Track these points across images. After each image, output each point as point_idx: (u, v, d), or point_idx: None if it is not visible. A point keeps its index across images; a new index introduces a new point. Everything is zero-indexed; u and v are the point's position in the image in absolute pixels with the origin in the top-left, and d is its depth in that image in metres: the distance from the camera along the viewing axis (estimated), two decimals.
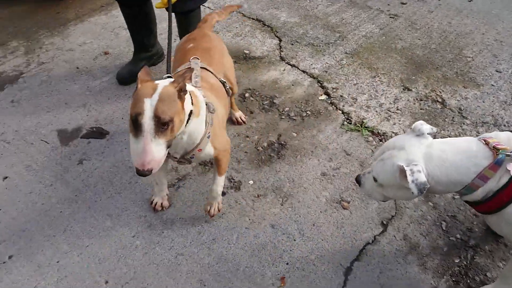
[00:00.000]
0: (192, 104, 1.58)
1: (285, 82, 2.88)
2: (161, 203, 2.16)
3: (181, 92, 1.46)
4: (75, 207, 2.23)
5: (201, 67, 1.91)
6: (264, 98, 2.77)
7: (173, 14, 2.30)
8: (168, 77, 1.65)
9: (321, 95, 2.76)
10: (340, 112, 2.63)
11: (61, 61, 3.27)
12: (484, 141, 1.46)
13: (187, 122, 1.56)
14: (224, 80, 2.03)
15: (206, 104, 1.69)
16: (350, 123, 2.55)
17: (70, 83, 3.04)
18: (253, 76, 2.95)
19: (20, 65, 3.28)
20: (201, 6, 2.67)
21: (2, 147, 2.61)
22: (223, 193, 2.24)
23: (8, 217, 2.21)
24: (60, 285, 1.92)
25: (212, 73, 1.97)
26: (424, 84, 2.77)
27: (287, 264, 1.93)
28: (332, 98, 2.73)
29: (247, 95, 2.79)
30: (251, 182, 2.28)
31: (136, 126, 1.36)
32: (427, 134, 1.49)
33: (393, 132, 2.47)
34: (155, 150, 1.36)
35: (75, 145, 2.58)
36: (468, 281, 1.83)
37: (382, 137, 2.45)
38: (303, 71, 2.96)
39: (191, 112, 1.56)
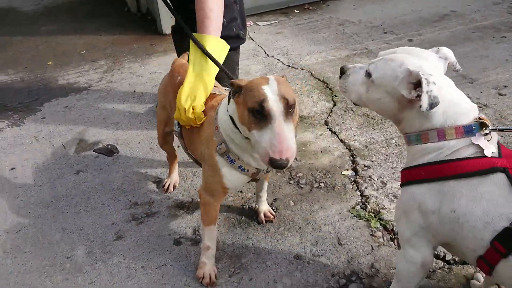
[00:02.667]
0: None
1: (315, 147, 2.52)
2: (214, 274, 1.75)
3: None
4: (43, 212, 2.18)
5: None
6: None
7: None
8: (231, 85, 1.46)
9: (347, 169, 2.33)
10: (359, 193, 2.16)
11: (126, 83, 3.44)
12: None
13: None
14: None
15: None
16: (364, 209, 2.06)
17: (120, 103, 3.14)
18: None
19: (93, 80, 3.54)
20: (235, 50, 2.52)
21: (30, 142, 2.76)
22: (178, 242, 1.95)
23: None
24: None
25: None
26: None
27: None
28: (358, 176, 2.27)
29: None
30: None
31: (261, 114, 1.27)
32: (449, 64, 1.30)
33: None
34: (290, 136, 1.26)
35: (84, 156, 2.59)
36: None
37: (396, 236, 1.91)
38: (341, 140, 2.56)
39: None
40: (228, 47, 1.84)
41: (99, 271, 1.84)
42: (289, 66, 3.53)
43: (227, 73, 1.79)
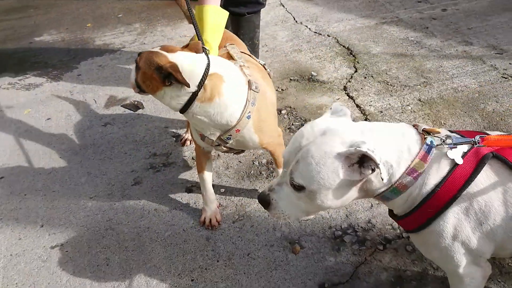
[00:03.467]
0: (203, 84, 1.52)
1: None
2: (215, 218, 1.88)
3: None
4: (72, 158, 2.38)
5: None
6: (298, 119, 2.52)
7: None
8: (203, 49, 1.60)
9: None
10: None
11: (157, 45, 3.57)
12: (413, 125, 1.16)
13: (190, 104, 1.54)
14: (263, 63, 1.94)
15: (249, 82, 1.62)
16: None
17: None
18: (302, 96, 2.72)
19: (127, 41, 3.71)
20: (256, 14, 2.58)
21: (65, 96, 2.98)
22: (190, 189, 2.10)
23: (26, 147, 2.48)
24: (11, 214, 2.06)
25: (251, 56, 1.92)
26: None
27: (192, 281, 1.67)
28: None
29: (283, 111, 2.58)
30: (222, 190, 2.08)
31: None
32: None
33: None
34: (131, 74, 1.60)
35: (113, 110, 2.77)
36: None
37: None
38: (357, 105, 2.60)
39: (195, 93, 1.52)
40: (227, 13, 1.91)
41: (116, 210, 2.02)
42: (316, 32, 3.53)
43: (197, 33, 1.82)
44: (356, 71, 2.95)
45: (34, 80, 3.21)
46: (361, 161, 1.04)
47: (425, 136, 1.11)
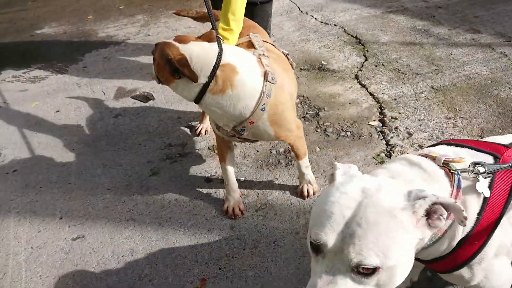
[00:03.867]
0: (214, 75, 1.50)
1: (343, 99, 2.57)
2: (238, 207, 1.87)
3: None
4: (85, 150, 2.35)
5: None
6: (311, 108, 2.51)
7: None
8: (217, 38, 1.58)
9: (374, 120, 2.37)
10: (384, 142, 2.21)
11: (162, 37, 3.54)
12: (426, 156, 1.01)
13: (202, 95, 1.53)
14: (287, 52, 1.91)
15: (265, 73, 1.57)
16: (388, 157, 2.12)
17: None
18: (314, 85, 2.70)
19: (131, 33, 3.66)
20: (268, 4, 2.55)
21: (72, 88, 2.93)
22: (209, 179, 2.08)
23: (36, 140, 2.44)
24: (28, 206, 2.02)
25: (273, 45, 1.88)
26: None
27: (220, 269, 1.66)
28: (384, 127, 2.31)
29: (297, 101, 2.57)
30: (242, 179, 2.06)
31: None
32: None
33: None
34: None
35: (123, 102, 2.74)
36: None
37: None
38: (370, 93, 2.59)
39: (206, 85, 1.51)
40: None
41: (136, 201, 2.00)
42: (322, 22, 3.52)
43: (212, 23, 1.81)
44: (366, 60, 2.94)
45: (39, 73, 3.16)
46: (428, 212, 0.87)
47: (449, 168, 0.99)
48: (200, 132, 2.35)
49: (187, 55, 1.48)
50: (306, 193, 1.90)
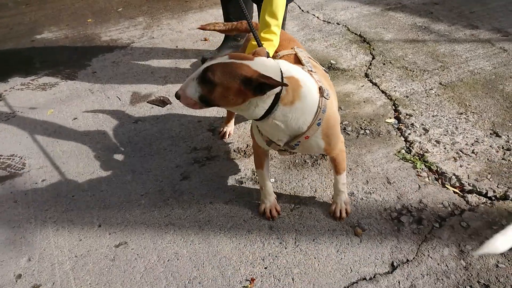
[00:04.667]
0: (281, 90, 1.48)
1: (358, 97, 2.66)
2: (275, 209, 1.94)
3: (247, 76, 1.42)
4: (111, 156, 2.38)
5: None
6: None
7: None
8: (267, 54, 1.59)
9: (390, 118, 2.47)
10: (403, 139, 2.32)
11: (167, 39, 3.56)
12: None
13: (272, 108, 1.50)
14: (327, 70, 1.94)
15: (320, 88, 1.59)
16: (408, 153, 2.22)
17: (164, 57, 3.29)
18: None
19: (135, 36, 3.67)
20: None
21: (85, 94, 2.94)
22: (240, 182, 2.15)
23: (59, 148, 2.45)
24: (64, 216, 2.05)
25: (316, 62, 1.90)
26: None
27: (265, 268, 1.74)
28: (400, 124, 2.42)
29: None
30: (272, 180, 2.14)
31: None
32: None
33: (455, 175, 2.07)
34: (189, 89, 1.48)
35: (140, 107, 2.76)
36: None
37: (440, 176, 2.08)
38: (383, 91, 2.69)
39: (277, 96, 1.48)
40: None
41: (172, 206, 2.05)
42: (324, 21, 3.61)
43: (257, 40, 1.87)
44: (373, 58, 3.04)
45: (48, 79, 3.15)
46: None
47: None
48: (224, 135, 2.41)
49: (261, 70, 1.44)
50: (338, 214, 1.90)
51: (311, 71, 1.68)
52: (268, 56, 1.57)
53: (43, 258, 1.84)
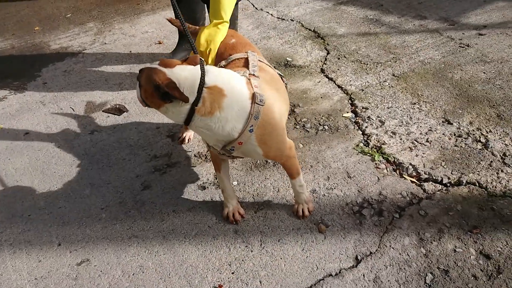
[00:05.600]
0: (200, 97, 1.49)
1: (315, 93, 2.69)
2: (238, 212, 1.94)
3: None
4: (67, 171, 2.30)
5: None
6: None
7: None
8: (201, 61, 1.57)
9: (347, 112, 2.51)
10: (360, 132, 2.36)
11: (120, 44, 3.48)
12: None
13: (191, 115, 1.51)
14: (282, 74, 1.92)
15: (253, 94, 1.56)
16: (366, 146, 2.27)
17: (118, 63, 3.20)
18: None
19: (86, 43, 3.56)
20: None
21: (37, 107, 2.83)
22: (203, 187, 2.13)
23: (11, 166, 2.35)
24: (21, 237, 1.97)
25: (269, 66, 1.88)
26: (470, 120, 2.36)
27: (233, 273, 1.73)
28: (357, 118, 2.46)
29: None
30: (235, 183, 2.13)
31: None
32: None
33: (411, 164, 2.13)
34: (137, 90, 1.60)
35: (95, 116, 2.69)
36: None
37: (397, 167, 2.13)
38: (338, 86, 2.74)
39: (194, 103, 1.49)
40: None
41: (134, 217, 2.01)
42: (279, 18, 3.62)
43: (192, 45, 1.88)
44: (328, 53, 3.08)
45: None
46: None
47: None
48: (183, 140, 2.38)
49: (175, 79, 1.47)
50: (301, 213, 1.92)
51: (253, 75, 1.66)
52: (202, 64, 1.54)
53: (0, 284, 1.77)
